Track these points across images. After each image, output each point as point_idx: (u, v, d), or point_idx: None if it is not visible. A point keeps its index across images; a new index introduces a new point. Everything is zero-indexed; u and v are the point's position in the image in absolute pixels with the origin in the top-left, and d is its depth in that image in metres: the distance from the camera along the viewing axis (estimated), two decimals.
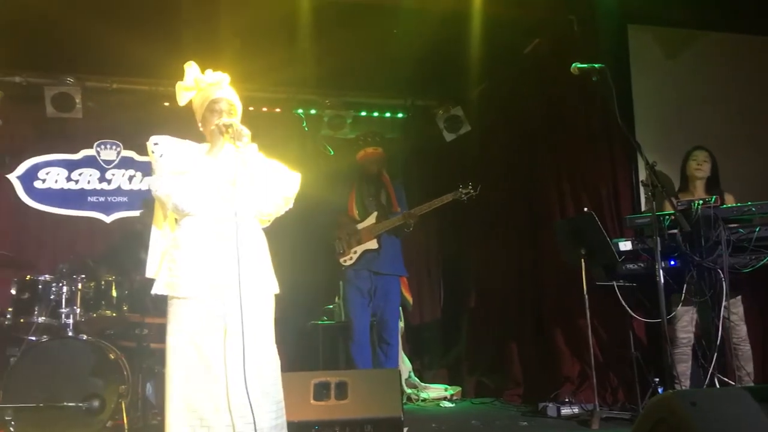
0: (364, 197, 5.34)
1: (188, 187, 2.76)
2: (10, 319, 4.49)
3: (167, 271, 2.79)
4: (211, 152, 2.85)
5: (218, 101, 2.95)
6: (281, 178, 2.98)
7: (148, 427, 4.52)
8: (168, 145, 2.88)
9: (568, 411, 4.74)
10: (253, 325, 2.75)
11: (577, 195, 5.33)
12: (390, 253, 5.25)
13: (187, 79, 2.98)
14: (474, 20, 5.33)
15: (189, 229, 2.81)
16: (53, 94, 5.86)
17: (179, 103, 3.02)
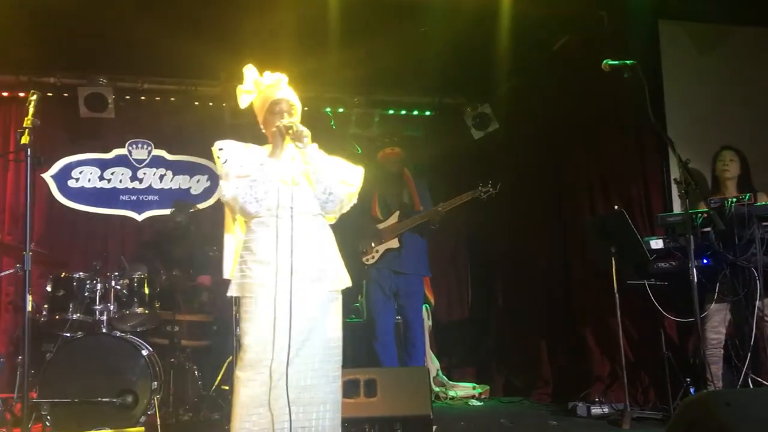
0: (386, 196, 5.34)
1: (253, 189, 2.80)
2: (46, 316, 4.59)
3: (239, 272, 2.84)
4: (273, 154, 2.89)
5: (279, 102, 2.98)
6: (344, 174, 3.01)
7: (180, 422, 4.58)
8: (232, 149, 2.92)
9: (598, 410, 4.71)
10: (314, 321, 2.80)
11: (607, 193, 5.29)
12: (413, 252, 5.24)
13: (247, 81, 3.02)
14: (503, 17, 5.30)
15: (257, 231, 2.85)
16: (86, 95, 5.96)
17: (240, 105, 3.04)
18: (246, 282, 2.80)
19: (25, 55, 5.63)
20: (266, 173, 2.82)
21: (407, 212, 5.26)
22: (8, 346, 5.64)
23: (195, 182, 6.57)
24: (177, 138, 6.64)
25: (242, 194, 2.80)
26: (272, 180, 2.83)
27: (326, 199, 2.94)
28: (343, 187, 2.98)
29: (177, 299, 4.85)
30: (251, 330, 2.73)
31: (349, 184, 3.01)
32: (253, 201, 2.80)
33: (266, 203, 2.83)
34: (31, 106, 3.07)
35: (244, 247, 2.88)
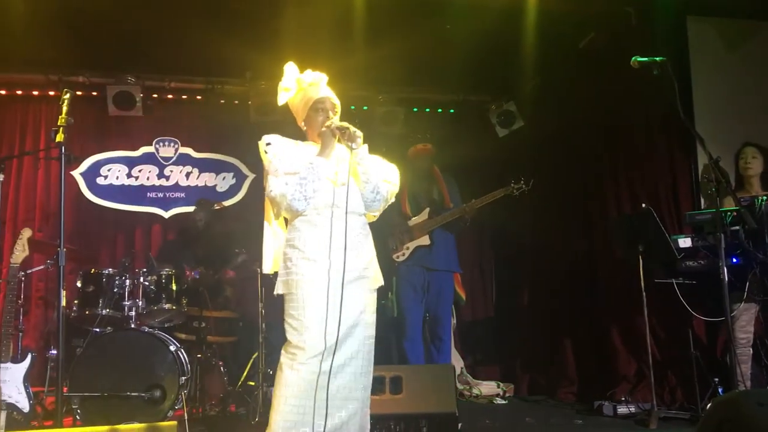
0: (416, 193, 5.35)
1: (303, 187, 2.82)
2: (76, 311, 4.65)
3: (284, 270, 2.87)
4: (323, 153, 2.90)
5: (323, 101, 2.99)
6: (386, 173, 3.06)
7: (207, 417, 4.62)
8: (281, 145, 2.95)
9: (624, 410, 4.68)
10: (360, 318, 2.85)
11: (633, 191, 5.24)
12: (443, 249, 5.24)
13: (288, 79, 3.02)
14: (528, 14, 5.28)
15: (303, 230, 2.88)
16: (115, 93, 6.05)
17: (278, 102, 3.06)
18: (293, 279, 2.82)
19: (55, 55, 5.72)
20: (317, 172, 2.84)
21: (437, 209, 5.27)
22: (38, 341, 5.74)
23: (221, 180, 6.62)
24: (203, 136, 6.71)
25: (291, 191, 2.81)
26: (322, 179, 2.86)
27: (373, 198, 2.99)
28: (386, 186, 3.03)
29: (203, 295, 4.89)
30: (303, 325, 2.75)
31: (391, 182, 3.08)
32: (302, 198, 2.82)
33: (314, 202, 2.86)
34: (65, 105, 3.12)
35: (288, 245, 2.90)
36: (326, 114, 2.96)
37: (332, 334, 2.71)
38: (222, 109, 6.75)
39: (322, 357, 2.70)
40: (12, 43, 5.24)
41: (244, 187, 6.62)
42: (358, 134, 2.86)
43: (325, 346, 2.71)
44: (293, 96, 3.05)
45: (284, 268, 2.88)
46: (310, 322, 2.75)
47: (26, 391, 4.20)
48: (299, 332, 2.75)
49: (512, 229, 6.70)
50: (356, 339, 2.85)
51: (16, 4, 4.79)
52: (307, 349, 2.71)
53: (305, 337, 2.73)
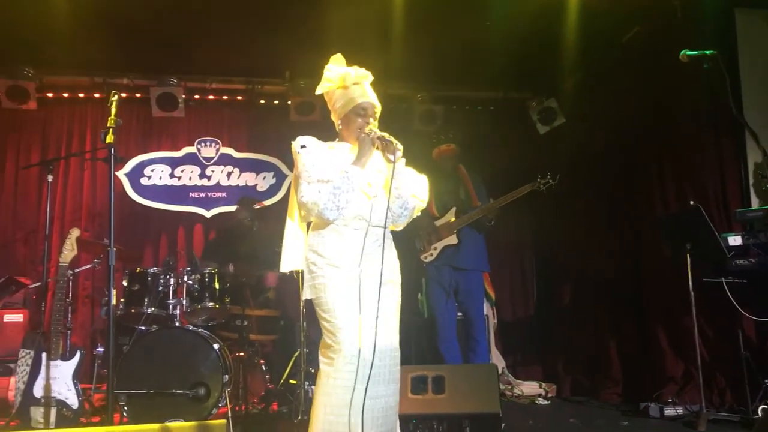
0: (443, 193, 5.31)
1: (336, 197, 2.79)
2: (122, 309, 4.73)
3: (309, 275, 2.86)
4: (358, 161, 2.86)
5: (365, 107, 2.93)
6: (416, 188, 3.03)
7: (250, 415, 4.65)
8: (315, 150, 2.89)
9: (671, 412, 4.58)
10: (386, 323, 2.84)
11: (680, 188, 5.13)
12: (471, 248, 5.20)
13: (334, 71, 2.96)
14: (569, 9, 5.22)
15: (327, 237, 2.86)
16: (158, 95, 6.13)
17: (317, 90, 3.02)
18: (320, 283, 2.82)
19: (100, 58, 5.84)
20: (351, 182, 2.80)
21: (464, 208, 5.23)
22: (85, 339, 5.86)
23: (261, 179, 6.67)
24: (243, 136, 6.78)
25: (324, 200, 2.78)
26: (355, 190, 2.82)
27: (400, 213, 2.97)
28: (414, 201, 3.01)
29: (246, 294, 4.93)
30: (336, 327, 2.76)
31: (419, 198, 3.05)
32: (334, 208, 2.79)
33: (345, 212, 2.83)
34: (113, 106, 3.16)
35: (311, 250, 2.88)
36: (366, 120, 2.91)
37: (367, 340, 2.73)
38: (262, 109, 6.82)
39: (358, 364, 2.69)
40: (58, 48, 5.36)
41: (284, 186, 6.66)
42: (399, 147, 2.82)
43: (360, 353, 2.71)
44: (334, 88, 2.98)
45: (309, 272, 2.87)
46: (343, 324, 2.75)
47: (75, 388, 4.28)
48: (333, 334, 2.76)
49: (553, 226, 6.63)
50: (386, 347, 2.83)
51: (62, 9, 4.89)
52: (344, 351, 2.71)
53: (340, 338, 2.74)
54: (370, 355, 2.71)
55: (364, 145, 2.87)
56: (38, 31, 5.13)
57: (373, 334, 2.72)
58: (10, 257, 6.01)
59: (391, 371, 2.84)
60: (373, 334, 2.72)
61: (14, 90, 5.89)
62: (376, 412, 2.75)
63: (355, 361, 2.69)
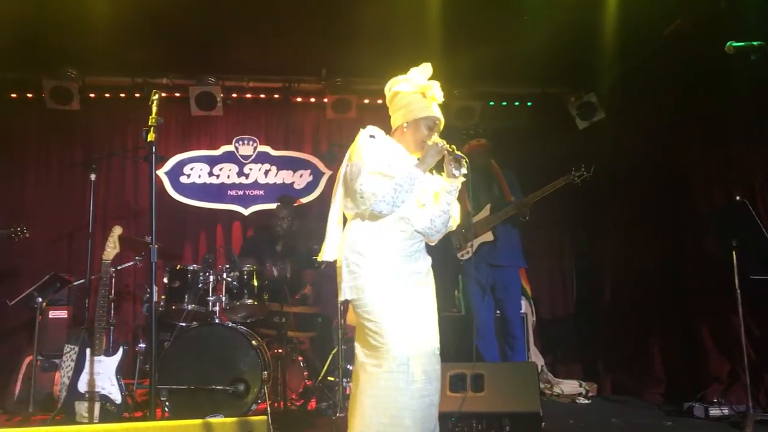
0: (476, 190, 5.26)
1: (396, 193, 2.81)
2: (163, 306, 4.80)
3: (350, 275, 2.86)
4: (422, 166, 2.88)
5: (438, 122, 3.00)
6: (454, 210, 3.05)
7: (289, 411, 4.68)
8: (382, 143, 2.94)
9: (717, 412, 4.49)
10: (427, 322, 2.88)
11: (725, 184, 5.00)
12: (507, 244, 5.16)
13: (416, 76, 3.01)
14: (609, 2, 5.13)
15: (368, 237, 2.88)
16: (197, 94, 6.21)
17: (394, 86, 3.04)
18: (361, 284, 2.82)
19: (140, 59, 5.93)
20: (412, 184, 2.83)
21: (498, 204, 5.18)
22: (127, 335, 5.96)
23: (298, 177, 6.70)
24: (281, 134, 6.82)
25: (382, 193, 2.80)
26: (413, 192, 2.86)
27: (438, 230, 2.99)
28: (452, 222, 3.05)
29: (284, 291, 4.96)
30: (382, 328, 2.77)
31: (455, 220, 3.07)
32: (390, 203, 2.81)
33: (398, 211, 2.85)
34: (154, 105, 3.20)
35: (351, 248, 2.89)
36: (432, 132, 2.96)
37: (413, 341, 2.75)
38: (299, 107, 6.85)
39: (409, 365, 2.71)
40: (100, 49, 5.44)
41: (321, 184, 6.68)
42: (464, 162, 2.85)
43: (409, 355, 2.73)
44: (407, 93, 3.01)
45: (349, 273, 2.86)
46: (389, 325, 2.75)
47: (118, 383, 4.36)
48: (380, 335, 2.76)
49: (593, 222, 6.54)
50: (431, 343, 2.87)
51: (104, 12, 4.97)
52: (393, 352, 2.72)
53: (387, 340, 2.74)
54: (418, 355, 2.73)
55: (431, 153, 2.88)
56: (81, 34, 5.22)
57: (417, 334, 2.74)
58: (55, 255, 6.14)
59: (435, 369, 2.85)
60: (417, 335, 2.74)
61: (58, 91, 6.01)
62: (423, 411, 2.77)
63: (405, 362, 2.71)
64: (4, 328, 5.85)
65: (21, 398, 5.00)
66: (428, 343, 2.82)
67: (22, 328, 5.76)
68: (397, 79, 3.03)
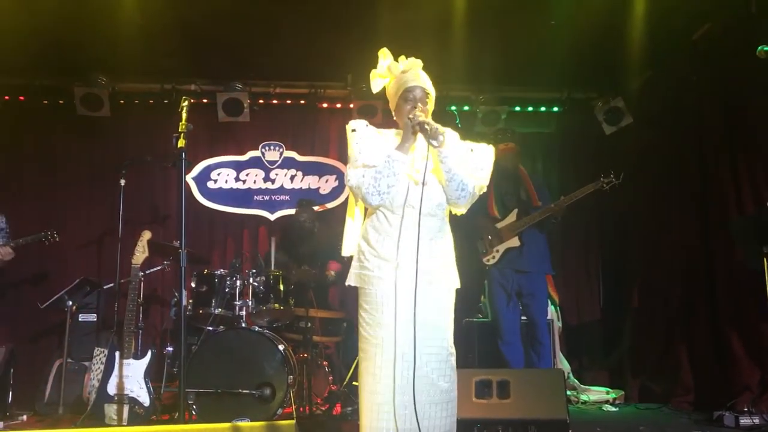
0: (503, 195, 5.25)
1: (377, 182, 2.76)
2: (191, 310, 4.85)
3: (357, 263, 2.87)
4: (401, 147, 2.81)
5: (412, 90, 2.87)
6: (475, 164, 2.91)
7: (314, 416, 4.70)
8: (364, 134, 2.89)
9: (747, 421, 4.40)
10: (432, 321, 2.76)
11: (756, 190, 4.90)
12: (534, 250, 5.13)
13: (381, 65, 2.97)
14: (637, 6, 5.10)
15: (376, 225, 2.85)
16: (224, 100, 6.27)
17: (372, 90, 3.01)
18: (366, 274, 2.81)
19: (169, 66, 6.02)
20: (392, 168, 2.75)
21: (525, 209, 5.16)
22: (155, 339, 6.03)
23: (324, 182, 6.73)
24: (306, 139, 6.85)
25: (366, 184, 2.77)
26: (397, 175, 2.77)
27: (458, 195, 2.84)
28: (473, 181, 2.86)
29: (309, 296, 4.98)
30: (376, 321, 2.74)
31: (479, 177, 2.90)
32: (375, 193, 2.77)
33: (389, 197, 2.79)
34: (184, 112, 3.25)
35: (363, 238, 2.88)
36: (414, 103, 2.83)
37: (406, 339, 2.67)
38: (324, 113, 6.89)
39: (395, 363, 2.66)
40: (130, 56, 5.53)
41: (346, 189, 6.66)
42: (441, 131, 2.75)
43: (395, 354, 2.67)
44: (388, 83, 2.97)
45: (357, 260, 2.87)
46: (385, 319, 2.72)
47: (147, 386, 4.42)
48: (372, 327, 2.74)
49: (621, 228, 6.47)
50: (434, 343, 2.75)
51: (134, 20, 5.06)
52: (383, 345, 2.69)
53: (381, 333, 2.71)
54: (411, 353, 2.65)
55: (405, 131, 2.82)
56: (111, 42, 5.31)
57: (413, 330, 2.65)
58: (85, 259, 6.23)
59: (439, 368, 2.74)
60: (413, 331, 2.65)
61: (89, 98, 6.11)
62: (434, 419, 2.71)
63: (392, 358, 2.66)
64: (35, 331, 5.93)
65: (51, 400, 5.09)
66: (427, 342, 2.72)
67: (53, 331, 5.84)
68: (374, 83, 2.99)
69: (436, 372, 2.73)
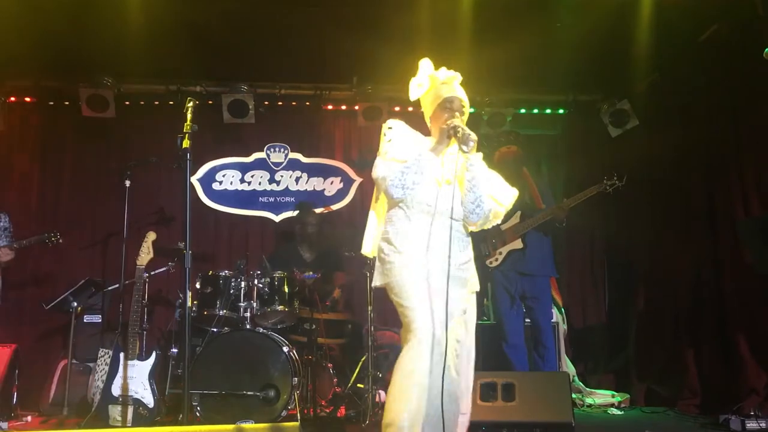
0: None
1: (404, 176, 2.85)
2: (195, 312, 4.85)
3: (380, 263, 2.92)
4: (435, 149, 2.92)
5: (452, 100, 3.04)
6: (497, 191, 3.04)
7: (318, 418, 4.69)
8: (399, 131, 3.00)
9: (754, 425, 4.37)
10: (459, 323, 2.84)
11: (763, 192, 4.88)
12: (537, 252, 5.12)
13: (422, 75, 3.08)
14: (643, 8, 5.10)
15: (398, 225, 2.91)
16: (229, 102, 6.27)
17: (410, 97, 3.11)
18: (387, 268, 2.85)
19: (174, 67, 6.01)
20: (421, 165, 2.85)
21: (529, 212, 5.15)
22: (160, 340, 6.02)
23: (329, 184, 6.73)
24: (311, 141, 6.86)
25: (391, 176, 2.85)
26: (425, 173, 2.86)
27: (472, 210, 2.96)
28: (491, 203, 3.00)
29: (314, 298, 4.98)
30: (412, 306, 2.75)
31: (499, 202, 3.04)
32: (399, 186, 2.84)
33: (411, 193, 2.85)
34: (189, 113, 3.25)
35: (384, 238, 2.93)
36: (452, 113, 2.97)
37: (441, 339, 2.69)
38: (330, 115, 6.89)
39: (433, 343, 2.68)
40: (136, 57, 5.53)
41: (351, 191, 6.71)
42: (472, 137, 2.83)
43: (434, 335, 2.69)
44: (425, 92, 3.09)
45: (380, 261, 2.92)
46: (416, 304, 2.75)
47: (151, 388, 4.42)
48: (406, 316, 2.76)
49: (627, 230, 6.45)
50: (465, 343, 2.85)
51: (139, 21, 5.06)
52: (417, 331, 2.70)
53: (412, 317, 2.73)
54: (443, 336, 2.68)
55: (440, 135, 2.93)
56: (117, 43, 5.31)
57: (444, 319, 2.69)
58: (90, 260, 6.23)
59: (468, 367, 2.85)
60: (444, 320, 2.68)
61: (94, 99, 6.11)
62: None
63: (429, 341, 2.68)
64: (40, 332, 5.94)
65: (56, 401, 5.10)
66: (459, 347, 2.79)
67: (57, 332, 5.85)
68: (413, 90, 3.08)
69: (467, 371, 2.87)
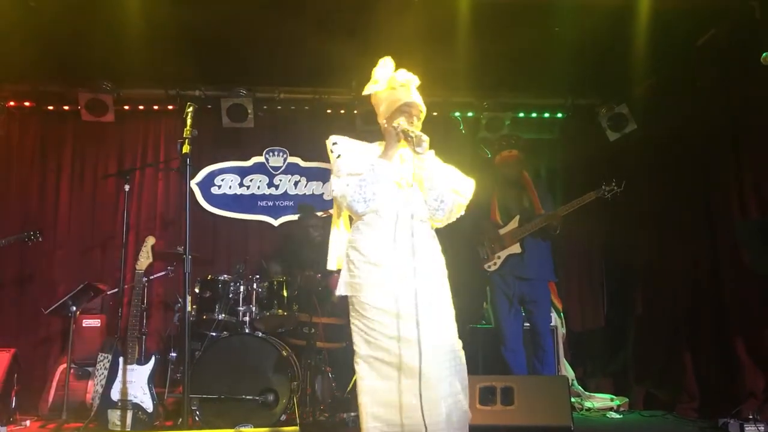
0: (506, 201, 5.26)
1: (362, 189, 2.83)
2: (194, 316, 4.86)
3: (347, 272, 2.90)
4: (385, 155, 2.91)
5: (411, 105, 2.98)
6: (456, 184, 3.01)
7: (317, 422, 4.69)
8: (346, 145, 2.99)
9: (752, 429, 4.37)
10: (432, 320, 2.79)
11: (761, 196, 4.89)
12: (536, 257, 5.13)
13: (381, 72, 3.03)
14: (641, 12, 5.08)
15: (364, 231, 2.90)
16: (228, 106, 6.28)
17: (364, 91, 3.07)
18: (357, 282, 2.84)
19: (173, 71, 6.01)
20: (377, 174, 2.84)
21: (528, 216, 5.16)
22: (159, 344, 6.03)
23: (327, 188, 6.74)
24: (310, 145, 6.85)
25: (351, 193, 2.83)
26: (382, 181, 2.85)
27: (437, 207, 2.95)
28: (453, 197, 2.98)
29: (313, 302, 4.98)
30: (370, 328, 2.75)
31: (461, 194, 3.01)
32: (361, 201, 2.83)
33: (374, 204, 2.85)
34: (189, 117, 3.26)
35: (351, 246, 2.92)
36: (410, 119, 2.95)
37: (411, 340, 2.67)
38: (328, 119, 6.88)
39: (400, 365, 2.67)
40: (135, 62, 5.54)
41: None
42: (423, 138, 2.83)
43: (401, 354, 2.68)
44: (380, 91, 3.04)
45: (347, 270, 2.90)
46: (384, 328, 2.73)
47: (150, 392, 4.42)
48: (367, 334, 2.75)
49: (625, 234, 6.46)
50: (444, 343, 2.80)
51: (138, 25, 5.06)
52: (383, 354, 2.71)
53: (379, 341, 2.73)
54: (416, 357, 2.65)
55: (390, 139, 2.92)
56: (116, 47, 5.31)
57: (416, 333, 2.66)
58: (89, 264, 6.24)
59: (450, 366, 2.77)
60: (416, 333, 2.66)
61: (93, 103, 6.12)
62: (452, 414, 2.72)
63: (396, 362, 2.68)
64: (39, 336, 5.94)
65: (55, 406, 5.09)
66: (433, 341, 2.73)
67: (56, 337, 5.85)
68: (368, 86, 3.05)
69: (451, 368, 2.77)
